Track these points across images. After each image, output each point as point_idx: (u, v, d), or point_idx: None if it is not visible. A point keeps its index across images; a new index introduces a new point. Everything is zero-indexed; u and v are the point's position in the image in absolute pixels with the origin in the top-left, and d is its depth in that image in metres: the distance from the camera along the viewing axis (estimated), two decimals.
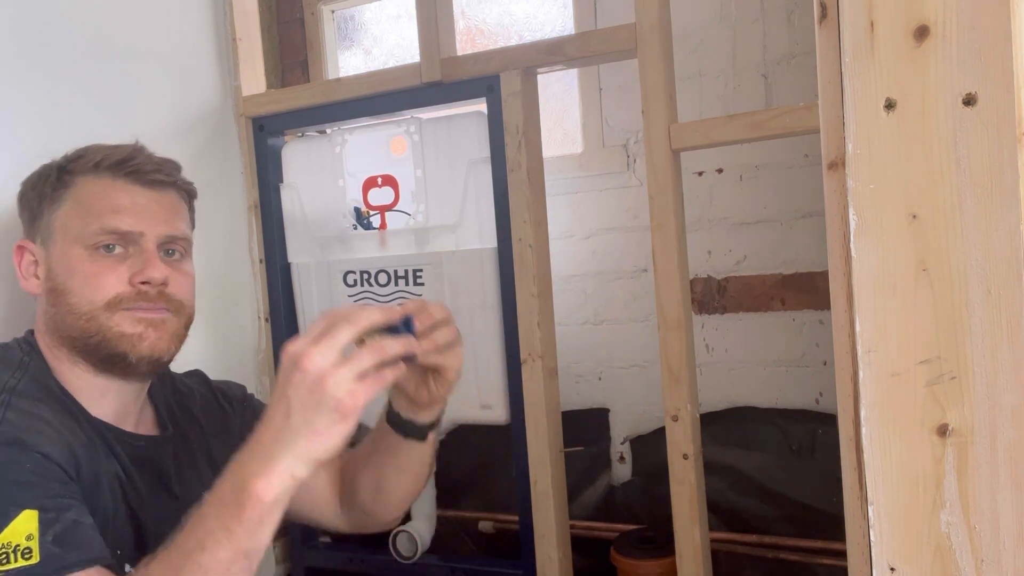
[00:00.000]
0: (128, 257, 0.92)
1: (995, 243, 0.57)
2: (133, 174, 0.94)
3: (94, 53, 1.35)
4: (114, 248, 0.92)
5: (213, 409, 1.10)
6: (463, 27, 2.12)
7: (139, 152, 0.97)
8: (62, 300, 0.91)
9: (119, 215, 0.92)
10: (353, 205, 1.57)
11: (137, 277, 0.91)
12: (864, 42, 0.60)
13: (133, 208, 0.93)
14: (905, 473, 0.61)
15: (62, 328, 0.91)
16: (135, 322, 0.91)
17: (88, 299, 0.89)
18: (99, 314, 0.89)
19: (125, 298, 0.90)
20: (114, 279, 0.90)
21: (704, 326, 1.90)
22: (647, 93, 1.25)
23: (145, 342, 0.91)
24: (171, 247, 0.97)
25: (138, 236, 0.92)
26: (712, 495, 1.41)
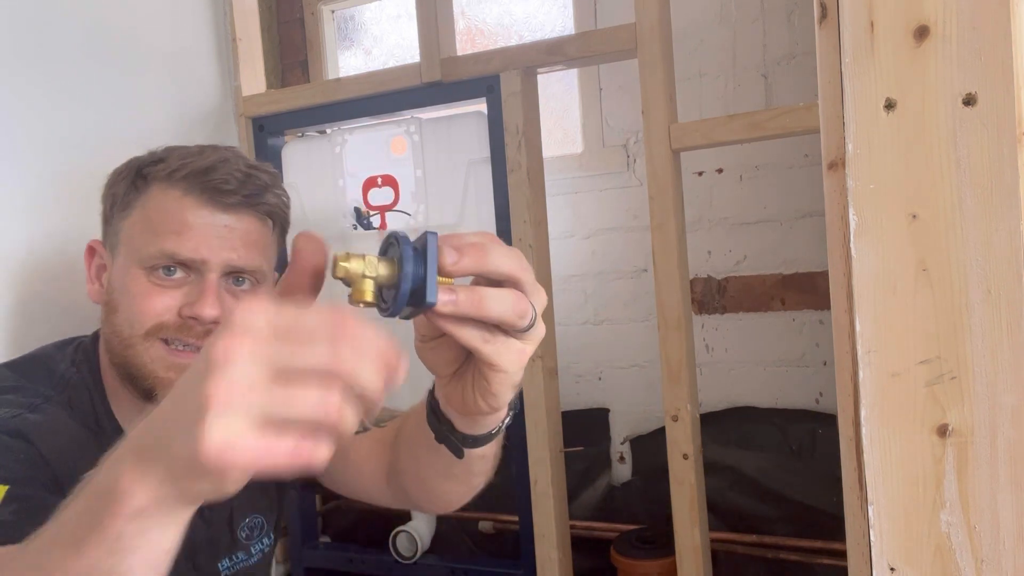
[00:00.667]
0: (186, 284, 0.84)
1: (995, 243, 0.57)
2: (209, 192, 0.84)
3: (94, 53, 1.34)
4: (174, 272, 0.83)
5: None
6: (463, 27, 2.12)
7: (224, 164, 0.86)
8: (111, 318, 0.85)
9: (181, 237, 0.82)
10: (353, 205, 1.57)
11: (188, 309, 0.82)
12: (864, 42, 0.60)
13: (200, 232, 0.83)
14: (905, 473, 0.61)
15: (110, 348, 0.86)
16: (167, 367, 0.82)
17: (130, 322, 0.82)
18: (137, 343, 0.82)
19: (168, 327, 0.82)
20: (162, 305, 0.82)
21: (704, 326, 1.90)
22: (647, 93, 1.25)
23: None
24: (240, 275, 0.87)
25: (200, 264, 0.83)
26: (712, 495, 1.41)
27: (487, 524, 1.91)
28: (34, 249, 1.19)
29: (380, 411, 0.87)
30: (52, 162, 1.23)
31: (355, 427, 0.41)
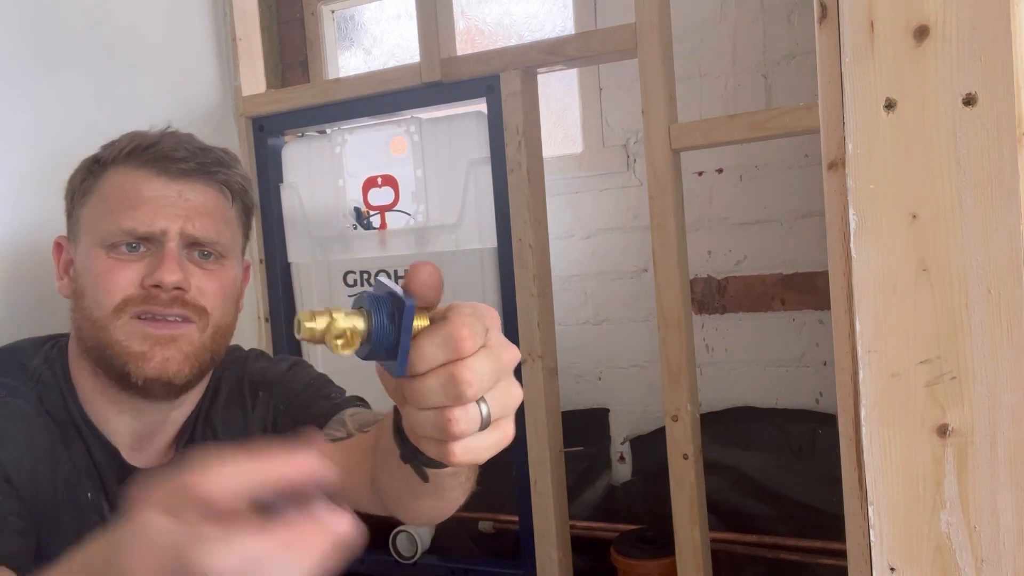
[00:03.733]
0: (148, 256, 0.82)
1: (995, 243, 0.57)
2: (160, 162, 0.84)
3: (93, 53, 1.34)
4: (137, 247, 0.82)
5: (234, 414, 0.94)
6: (463, 27, 2.12)
7: (170, 136, 0.87)
8: (79, 304, 0.84)
9: (137, 212, 0.82)
10: (353, 205, 1.57)
11: (149, 279, 0.81)
12: (864, 42, 0.60)
13: (154, 203, 0.82)
14: (905, 473, 0.61)
15: (82, 336, 0.84)
16: (142, 338, 0.80)
17: (98, 302, 0.81)
18: (108, 322, 0.80)
19: (133, 300, 0.81)
20: (125, 279, 0.81)
21: (704, 326, 1.90)
22: (647, 93, 1.25)
23: (150, 362, 0.81)
24: (204, 248, 0.85)
25: (160, 235, 0.82)
26: (712, 495, 1.41)
27: (487, 524, 1.91)
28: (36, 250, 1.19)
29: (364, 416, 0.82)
30: (51, 162, 1.23)
31: None
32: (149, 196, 0.83)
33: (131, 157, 0.84)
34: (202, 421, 0.92)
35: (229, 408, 0.93)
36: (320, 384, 0.94)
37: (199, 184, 0.85)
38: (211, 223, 0.85)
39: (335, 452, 0.83)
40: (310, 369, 0.99)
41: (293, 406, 0.91)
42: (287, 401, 0.92)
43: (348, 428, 0.84)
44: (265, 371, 0.97)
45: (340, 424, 0.85)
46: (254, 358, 1.00)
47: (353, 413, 0.86)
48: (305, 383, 0.94)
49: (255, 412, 0.93)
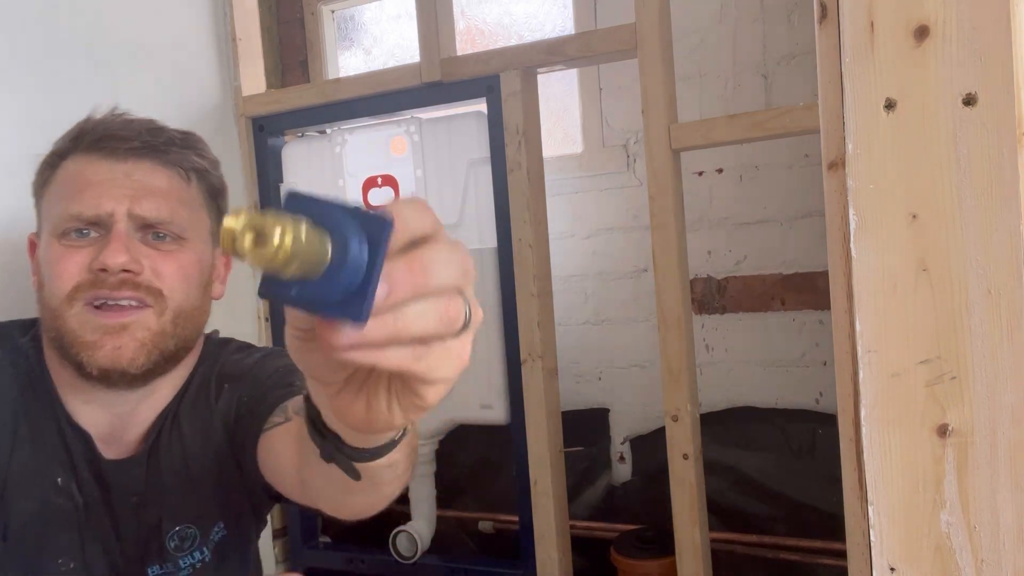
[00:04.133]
0: (95, 241, 0.80)
1: (995, 243, 0.57)
2: (105, 143, 0.82)
3: (93, 53, 1.34)
4: (88, 233, 0.80)
5: (200, 407, 0.90)
6: (463, 27, 2.12)
7: (116, 118, 0.84)
8: (41, 295, 0.83)
9: (83, 195, 0.80)
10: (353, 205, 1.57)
11: (95, 263, 0.78)
12: (864, 42, 0.60)
13: (100, 186, 0.80)
14: (905, 473, 0.61)
15: (45, 327, 0.83)
16: (93, 328, 0.78)
17: (53, 292, 0.79)
18: (63, 310, 0.79)
19: (83, 286, 0.78)
20: (74, 265, 0.79)
21: (704, 326, 1.90)
22: (647, 93, 1.25)
23: (101, 351, 0.78)
24: (158, 230, 0.82)
25: (107, 218, 0.79)
26: (712, 495, 1.41)
27: (487, 524, 1.91)
28: None
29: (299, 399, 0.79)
30: None
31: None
32: (95, 179, 0.81)
33: (79, 144, 0.83)
34: (171, 417, 0.90)
35: (196, 403, 0.91)
36: (286, 372, 0.88)
37: (147, 163, 0.83)
38: (163, 203, 0.82)
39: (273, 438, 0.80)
40: (285, 358, 0.90)
41: (256, 397, 0.87)
42: (251, 393, 0.89)
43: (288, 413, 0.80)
44: (236, 362, 0.93)
45: (282, 411, 0.82)
46: (232, 350, 0.96)
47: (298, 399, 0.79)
48: (271, 371, 0.89)
49: (218, 405, 0.90)
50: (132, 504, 0.87)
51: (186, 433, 0.89)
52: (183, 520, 0.89)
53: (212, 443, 0.89)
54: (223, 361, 0.94)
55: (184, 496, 0.88)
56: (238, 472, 0.88)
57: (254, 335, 1.68)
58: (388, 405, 0.40)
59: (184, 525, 0.89)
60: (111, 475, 0.86)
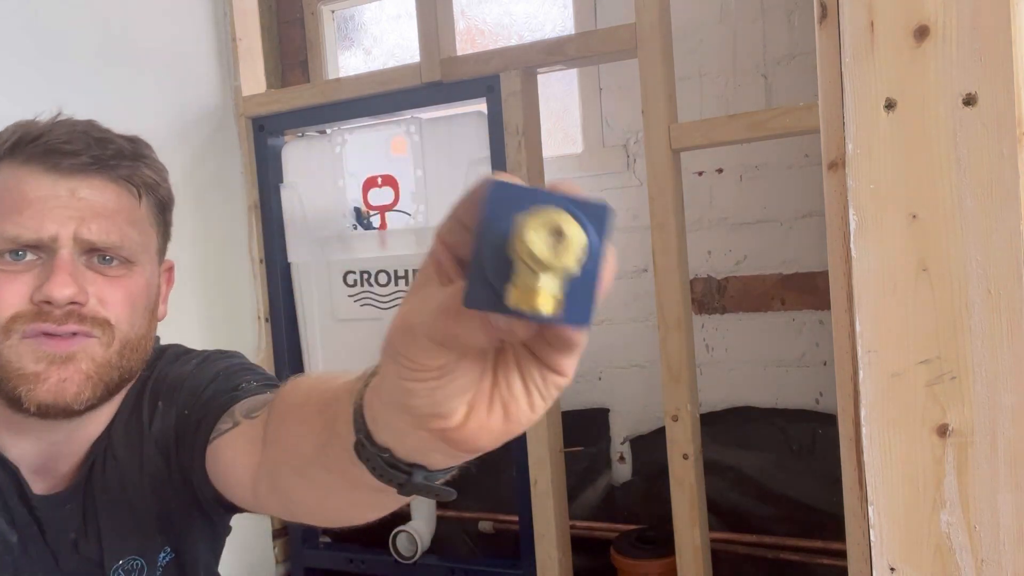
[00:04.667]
0: (37, 266, 0.72)
1: (995, 243, 0.57)
2: (48, 156, 0.73)
3: (93, 52, 1.35)
4: (23, 255, 0.71)
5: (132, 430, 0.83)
6: (463, 27, 2.12)
7: (60, 125, 0.75)
8: None
9: (22, 216, 0.71)
10: (353, 205, 1.57)
11: (38, 293, 0.70)
12: (864, 42, 0.60)
13: (42, 204, 0.72)
14: (905, 473, 0.61)
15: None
16: (37, 358, 0.71)
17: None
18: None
19: (23, 317, 0.70)
20: (12, 294, 0.71)
21: (704, 326, 1.90)
22: (647, 93, 1.25)
23: (44, 385, 0.71)
24: (105, 252, 0.74)
25: (49, 241, 0.71)
26: (712, 495, 1.41)
27: (487, 524, 1.91)
28: None
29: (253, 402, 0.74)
30: None
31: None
32: (35, 197, 0.72)
33: (16, 151, 0.74)
34: (105, 443, 0.83)
35: (128, 426, 0.83)
36: (231, 374, 0.82)
37: (95, 180, 0.74)
38: (112, 224, 0.74)
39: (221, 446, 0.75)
40: (227, 359, 0.86)
41: (196, 407, 0.80)
42: (191, 404, 0.81)
43: (235, 417, 0.75)
44: (169, 375, 0.85)
45: (230, 416, 0.76)
46: (168, 360, 0.87)
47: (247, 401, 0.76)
48: (211, 378, 0.82)
49: (151, 428, 0.82)
50: (71, 540, 0.81)
51: (122, 460, 0.82)
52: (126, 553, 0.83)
53: (147, 468, 0.82)
54: (156, 375, 0.85)
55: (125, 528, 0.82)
56: (187, 490, 0.81)
57: (254, 335, 1.68)
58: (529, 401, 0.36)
59: (128, 558, 0.83)
60: (44, 511, 0.79)
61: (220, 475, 0.75)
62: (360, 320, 1.56)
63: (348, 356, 1.58)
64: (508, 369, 0.35)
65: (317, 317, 1.62)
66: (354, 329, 1.58)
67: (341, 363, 1.59)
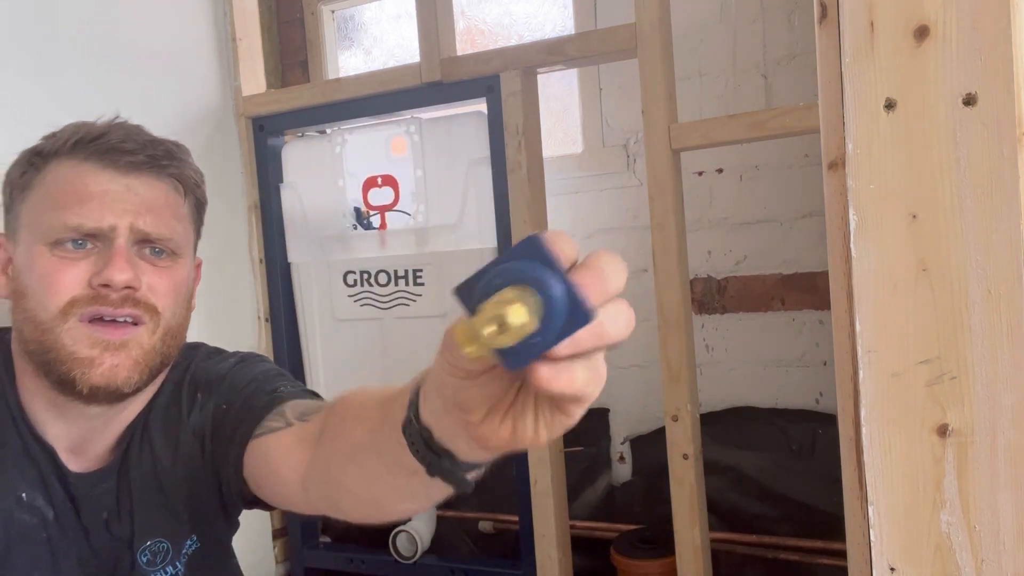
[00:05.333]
0: (94, 254, 0.77)
1: (995, 243, 0.57)
2: (107, 154, 0.79)
3: (94, 53, 1.35)
4: (84, 244, 0.77)
5: (171, 418, 0.89)
6: (463, 27, 2.12)
7: (117, 128, 0.82)
8: (21, 304, 0.79)
9: (84, 207, 0.77)
10: (353, 205, 1.57)
11: (97, 278, 0.76)
12: (864, 42, 0.60)
13: (102, 197, 0.78)
14: (905, 473, 0.61)
15: (24, 339, 0.79)
16: (91, 343, 0.76)
17: (44, 304, 0.76)
18: (55, 325, 0.76)
19: (80, 301, 0.76)
20: (71, 279, 0.76)
21: (704, 326, 1.90)
22: (647, 93, 1.25)
23: (98, 369, 0.76)
24: (156, 245, 0.81)
25: (108, 231, 0.77)
26: (712, 495, 1.41)
27: (487, 524, 1.91)
28: None
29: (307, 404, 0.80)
30: None
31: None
32: (96, 190, 0.78)
33: (76, 149, 0.80)
34: (141, 427, 0.88)
35: (167, 413, 0.88)
36: (268, 378, 0.87)
37: (149, 178, 0.81)
38: (163, 219, 0.81)
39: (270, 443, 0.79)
40: (262, 363, 0.92)
41: (236, 405, 0.86)
42: (230, 400, 0.87)
43: (288, 418, 0.80)
44: (209, 369, 0.91)
45: (280, 416, 0.81)
46: (203, 356, 0.93)
47: (296, 404, 0.82)
48: (251, 378, 0.88)
49: (190, 418, 0.88)
50: (103, 519, 0.85)
51: (157, 445, 0.87)
52: (155, 535, 0.87)
53: (183, 455, 0.87)
54: (194, 368, 0.91)
55: (155, 510, 0.87)
56: (214, 482, 0.87)
57: (254, 335, 1.68)
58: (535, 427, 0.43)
59: (156, 540, 0.87)
60: (79, 489, 0.84)
61: (263, 470, 0.80)
62: (360, 320, 1.56)
63: (348, 356, 1.58)
64: (527, 397, 0.43)
65: (317, 317, 1.62)
66: (354, 329, 1.58)
67: (341, 363, 1.59)
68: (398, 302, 1.53)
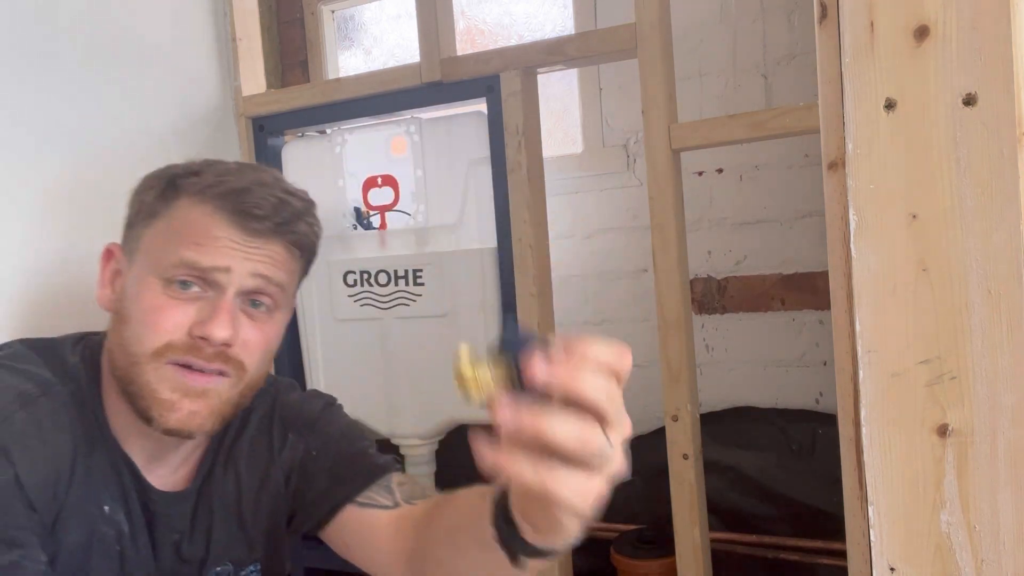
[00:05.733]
0: (201, 300, 0.78)
1: (995, 243, 0.57)
2: (239, 215, 0.80)
3: (94, 53, 1.34)
4: (191, 286, 0.78)
5: (259, 450, 0.92)
6: (463, 27, 2.12)
7: (260, 188, 0.82)
8: (120, 328, 0.80)
9: (203, 249, 0.78)
10: (353, 205, 1.57)
11: (198, 328, 0.77)
12: (864, 42, 0.60)
13: (224, 245, 0.79)
14: (905, 473, 0.61)
15: (113, 360, 0.81)
16: (173, 387, 0.77)
17: (139, 338, 0.77)
18: (144, 362, 0.77)
19: (176, 347, 0.77)
20: (173, 323, 0.77)
21: (704, 326, 1.90)
22: (647, 93, 1.25)
23: (176, 414, 0.77)
24: (257, 297, 0.82)
25: (221, 273, 0.78)
26: (712, 495, 1.41)
27: None
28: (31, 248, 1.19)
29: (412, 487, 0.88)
30: (51, 161, 1.23)
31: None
32: (219, 236, 0.79)
33: (213, 198, 0.80)
34: (226, 454, 0.90)
35: (255, 444, 0.91)
36: (355, 434, 0.94)
37: (273, 243, 0.82)
38: (274, 277, 0.82)
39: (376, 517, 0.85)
40: (344, 413, 0.98)
41: (327, 454, 0.91)
42: (319, 447, 0.91)
43: (396, 498, 0.86)
44: (298, 409, 0.95)
45: (387, 491, 0.87)
46: (285, 389, 0.97)
47: (401, 482, 0.88)
48: (341, 430, 0.94)
49: (282, 454, 0.92)
50: (174, 540, 0.86)
51: (242, 474, 0.90)
52: (225, 559, 0.89)
53: (269, 489, 0.91)
54: (280, 404, 0.95)
55: (231, 536, 0.89)
56: (286, 515, 0.91)
57: None
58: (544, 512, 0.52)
59: (224, 563, 0.90)
60: (158, 506, 0.85)
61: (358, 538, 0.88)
62: (360, 320, 1.56)
63: (348, 356, 1.58)
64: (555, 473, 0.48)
65: (317, 317, 1.62)
66: (354, 329, 1.57)
67: (341, 363, 1.59)
68: (398, 302, 1.53)
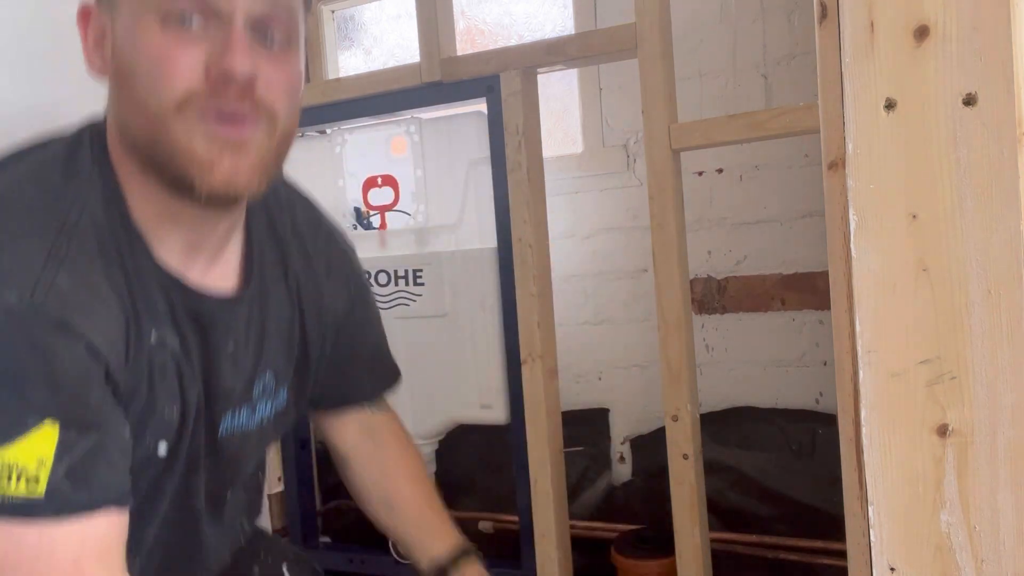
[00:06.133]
0: (207, 36, 0.66)
1: (995, 243, 0.57)
2: None
3: None
4: (191, 19, 0.66)
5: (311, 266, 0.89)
6: (463, 27, 2.12)
7: None
8: (126, 89, 0.69)
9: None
10: (353, 205, 1.57)
11: (215, 66, 0.66)
12: (864, 42, 0.60)
13: None
14: (905, 473, 0.61)
15: (128, 130, 0.70)
16: (210, 141, 0.67)
17: (155, 92, 0.66)
18: (169, 118, 0.66)
19: (198, 95, 0.66)
20: (186, 66, 0.66)
21: (704, 326, 1.90)
22: (647, 93, 1.25)
23: (218, 172, 0.67)
24: (269, 26, 0.69)
25: (224, 3, 0.66)
26: (712, 495, 1.41)
27: (487, 524, 1.91)
28: None
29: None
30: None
31: None
32: None
33: None
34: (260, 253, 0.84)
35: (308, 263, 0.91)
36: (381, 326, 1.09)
37: None
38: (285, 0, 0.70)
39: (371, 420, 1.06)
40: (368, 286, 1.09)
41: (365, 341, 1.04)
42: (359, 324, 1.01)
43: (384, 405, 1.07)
44: (344, 256, 1.02)
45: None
46: (304, 208, 0.98)
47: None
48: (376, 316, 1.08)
49: (328, 281, 0.94)
50: (230, 350, 0.79)
51: (301, 279, 0.89)
52: (270, 365, 0.85)
53: (288, 308, 0.88)
54: (326, 230, 1.00)
55: (275, 346, 0.85)
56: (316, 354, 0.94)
57: None
58: None
59: (270, 370, 0.85)
60: (208, 314, 0.77)
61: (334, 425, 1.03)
62: None
63: None
64: None
65: None
66: None
67: None
68: (398, 302, 1.53)
